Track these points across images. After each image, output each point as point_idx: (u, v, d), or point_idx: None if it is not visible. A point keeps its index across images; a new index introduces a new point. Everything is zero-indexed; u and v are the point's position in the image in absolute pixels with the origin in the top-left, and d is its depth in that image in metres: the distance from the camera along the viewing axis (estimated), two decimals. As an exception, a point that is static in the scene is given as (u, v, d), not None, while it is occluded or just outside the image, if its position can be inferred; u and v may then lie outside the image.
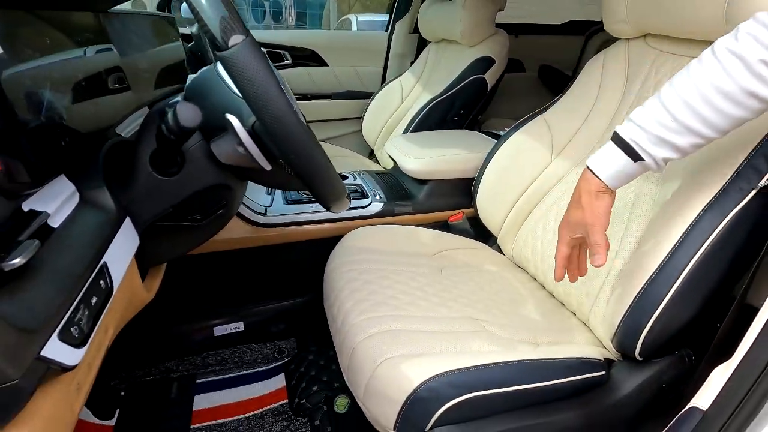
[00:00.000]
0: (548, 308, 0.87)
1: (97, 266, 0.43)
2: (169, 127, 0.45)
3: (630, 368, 0.73)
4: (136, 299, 0.58)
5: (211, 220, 0.62)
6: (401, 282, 0.85)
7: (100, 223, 0.48)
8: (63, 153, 0.46)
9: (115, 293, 0.46)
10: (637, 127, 0.56)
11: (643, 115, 0.56)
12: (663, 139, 0.54)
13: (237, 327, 1.16)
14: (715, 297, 0.65)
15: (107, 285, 0.44)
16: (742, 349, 0.54)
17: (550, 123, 0.99)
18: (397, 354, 0.66)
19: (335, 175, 0.53)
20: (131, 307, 0.59)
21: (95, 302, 0.41)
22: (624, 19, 0.85)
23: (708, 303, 0.65)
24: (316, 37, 2.04)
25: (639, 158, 0.56)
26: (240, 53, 0.41)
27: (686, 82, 0.52)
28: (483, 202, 1.08)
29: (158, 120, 0.48)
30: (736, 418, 0.52)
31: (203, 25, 0.42)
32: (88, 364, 0.42)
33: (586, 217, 0.61)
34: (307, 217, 1.10)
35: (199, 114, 0.45)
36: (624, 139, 0.57)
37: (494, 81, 1.53)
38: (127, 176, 0.54)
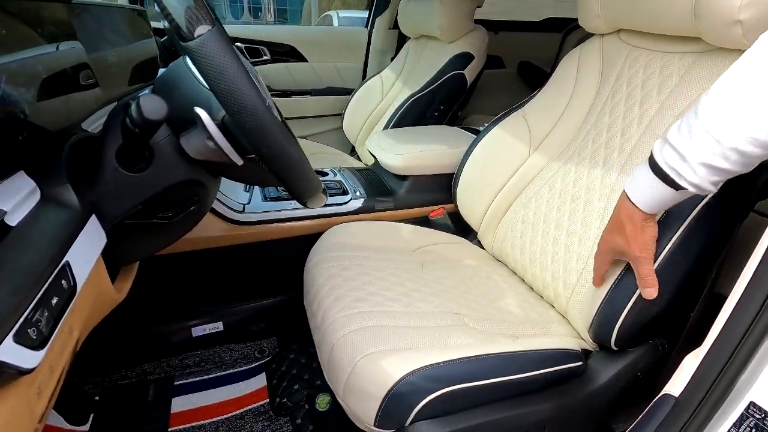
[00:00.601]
0: (527, 301, 0.87)
1: (58, 265, 0.41)
2: (134, 120, 0.44)
3: (606, 358, 0.74)
4: (104, 300, 0.56)
5: (183, 217, 0.60)
6: (382, 278, 0.85)
7: (62, 221, 0.46)
8: (21, 148, 0.44)
9: (80, 293, 0.44)
10: (675, 153, 0.48)
11: (682, 136, 0.47)
12: (709, 165, 0.45)
13: (216, 327, 1.14)
14: (686, 287, 0.67)
15: (70, 285, 0.42)
16: (711, 336, 0.55)
17: (528, 118, 1.00)
18: (377, 350, 0.66)
19: (310, 170, 0.52)
20: (100, 308, 0.57)
21: (56, 302, 0.39)
22: (598, 14, 0.87)
23: (679, 293, 0.67)
24: (295, 33, 2.01)
25: (681, 187, 0.49)
26: (206, 43, 0.40)
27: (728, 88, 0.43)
28: (463, 197, 1.08)
29: (123, 113, 0.46)
30: (707, 402, 0.53)
31: (167, 14, 0.40)
32: (50, 367, 0.40)
33: (634, 250, 0.57)
34: (287, 215, 1.09)
35: (165, 106, 0.43)
36: (661, 167, 0.50)
37: (473, 77, 1.53)
38: (93, 172, 0.52)
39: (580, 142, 0.90)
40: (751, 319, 0.48)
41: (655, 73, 0.80)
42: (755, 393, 0.51)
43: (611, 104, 0.86)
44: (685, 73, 0.75)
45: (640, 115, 0.80)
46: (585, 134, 0.89)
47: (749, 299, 0.49)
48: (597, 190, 0.81)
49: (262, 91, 0.54)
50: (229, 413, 1.00)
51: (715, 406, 0.52)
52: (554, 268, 0.84)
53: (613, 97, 0.86)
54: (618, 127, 0.83)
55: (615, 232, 0.59)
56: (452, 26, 1.50)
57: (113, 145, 0.51)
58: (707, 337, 0.56)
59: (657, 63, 0.80)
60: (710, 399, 0.52)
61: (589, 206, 0.82)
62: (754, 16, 0.62)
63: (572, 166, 0.88)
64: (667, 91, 0.77)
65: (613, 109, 0.85)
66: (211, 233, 1.01)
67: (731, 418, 0.53)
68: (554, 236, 0.86)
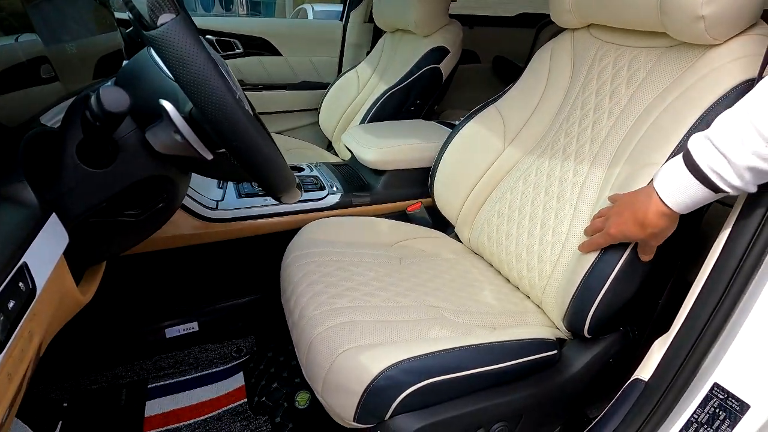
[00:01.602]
0: (504, 293, 0.89)
1: (15, 267, 0.39)
2: (94, 113, 0.42)
3: (580, 346, 0.76)
4: (68, 302, 0.54)
5: (152, 215, 0.58)
6: (359, 273, 0.84)
7: (19, 220, 0.43)
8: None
9: (40, 296, 0.42)
10: (719, 155, 0.45)
11: (727, 138, 0.44)
12: (757, 169, 0.43)
13: (191, 327, 1.11)
14: (655, 275, 0.69)
15: (28, 287, 0.40)
16: (678, 322, 0.57)
17: (502, 112, 1.00)
18: (355, 345, 0.65)
19: (283, 163, 0.51)
20: (63, 311, 0.54)
21: (13, 306, 0.37)
22: (569, 9, 0.88)
23: (648, 280, 0.69)
24: (269, 26, 1.97)
25: (721, 190, 0.47)
26: (169, 32, 0.38)
27: None
28: (440, 191, 1.09)
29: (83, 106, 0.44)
30: (674, 385, 0.55)
31: (128, 1, 0.38)
32: (9, 374, 0.38)
33: (650, 241, 0.58)
34: (262, 211, 1.07)
35: (126, 98, 0.41)
36: (702, 169, 0.46)
37: (449, 71, 1.54)
38: (53, 169, 0.50)
39: (553, 135, 0.91)
40: (714, 305, 0.50)
41: (624, 67, 0.82)
42: (719, 375, 0.53)
43: (582, 98, 0.88)
44: (653, 67, 0.77)
45: (610, 108, 0.81)
46: (557, 127, 0.91)
47: (713, 286, 0.50)
48: (569, 183, 0.83)
49: (231, 82, 0.53)
50: (205, 415, 0.98)
51: (682, 388, 0.54)
52: (529, 259, 0.86)
53: (584, 91, 0.88)
54: (589, 121, 0.85)
55: (632, 220, 0.58)
56: (427, 20, 1.49)
57: (73, 139, 0.49)
58: (674, 323, 0.58)
59: (626, 57, 0.82)
60: (677, 382, 0.54)
61: (562, 198, 0.83)
62: (716, 12, 0.64)
63: (545, 159, 0.90)
64: (635, 84, 0.79)
65: (584, 103, 0.87)
66: (184, 231, 0.98)
67: (697, 399, 0.55)
68: (529, 228, 0.87)
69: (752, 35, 0.66)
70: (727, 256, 0.49)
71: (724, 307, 0.50)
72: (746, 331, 0.50)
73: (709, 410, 0.54)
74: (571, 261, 0.76)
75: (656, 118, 0.72)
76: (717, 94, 0.64)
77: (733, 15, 0.64)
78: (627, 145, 0.75)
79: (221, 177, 0.63)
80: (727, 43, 0.67)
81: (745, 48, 0.65)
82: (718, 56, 0.67)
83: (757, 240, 0.46)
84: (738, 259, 0.47)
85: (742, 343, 0.50)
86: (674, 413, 0.56)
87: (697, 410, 0.55)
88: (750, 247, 0.46)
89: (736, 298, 0.49)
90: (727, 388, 0.52)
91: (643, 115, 0.75)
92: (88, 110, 0.42)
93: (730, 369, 0.52)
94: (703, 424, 0.54)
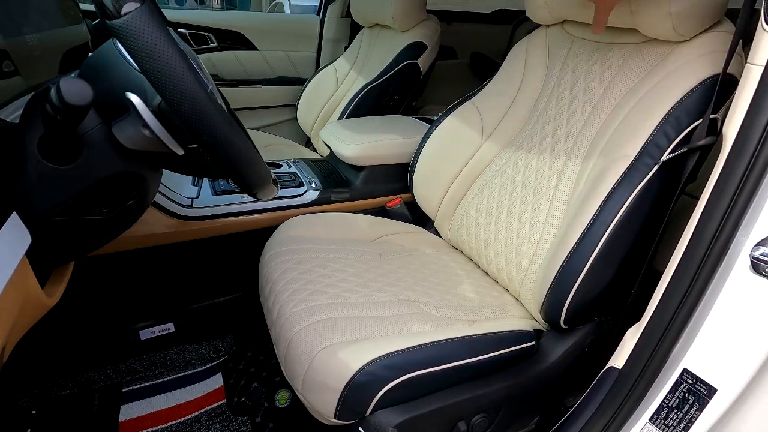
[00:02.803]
0: (483, 286, 0.90)
1: (-28, 269, 0.37)
2: (54, 105, 0.40)
3: (556, 337, 0.78)
4: (33, 305, 0.51)
5: (121, 213, 0.56)
6: (339, 270, 0.84)
7: (-24, 220, 0.41)
8: None
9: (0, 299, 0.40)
10: None
11: None
12: None
13: (167, 328, 1.08)
14: (628, 265, 0.71)
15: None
16: (649, 311, 0.59)
17: (480, 107, 1.01)
18: (334, 342, 0.65)
19: (258, 158, 0.50)
20: (28, 315, 0.52)
21: (-29, 310, 0.35)
22: (543, 5, 0.89)
23: (622, 270, 0.71)
24: (244, 20, 1.92)
25: None
26: (134, 21, 0.36)
27: None
28: (419, 186, 1.09)
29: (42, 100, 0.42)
30: (646, 372, 0.57)
31: None
32: (-33, 382, 0.36)
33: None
34: (239, 208, 1.05)
35: (88, 89, 0.39)
36: None
37: (427, 66, 1.54)
38: (13, 165, 0.47)
39: (529, 130, 0.92)
40: (682, 293, 0.51)
41: (597, 63, 0.83)
42: (688, 361, 0.55)
43: (557, 93, 0.89)
44: (624, 63, 0.79)
45: (584, 103, 0.83)
46: (533, 122, 0.92)
47: (681, 276, 0.52)
48: (545, 177, 0.84)
49: (202, 75, 0.51)
50: (183, 417, 0.96)
51: (654, 375, 0.56)
52: (507, 252, 0.87)
53: (559, 86, 0.89)
54: (564, 116, 0.86)
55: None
56: (405, 15, 1.49)
57: (34, 134, 0.46)
58: (646, 312, 0.60)
59: (598, 53, 0.84)
60: (649, 369, 0.55)
61: (538, 192, 0.85)
62: (683, 9, 0.66)
63: (522, 154, 0.91)
64: (608, 79, 0.80)
65: (559, 98, 0.88)
66: (157, 230, 0.96)
67: (668, 385, 0.57)
68: (506, 222, 0.88)
69: (717, 32, 0.68)
70: (694, 247, 0.50)
71: (691, 296, 0.52)
72: (713, 318, 0.52)
73: (679, 395, 0.55)
74: (547, 254, 0.78)
75: (628, 112, 0.74)
76: (685, 89, 0.66)
77: (699, 12, 0.66)
78: (600, 138, 0.77)
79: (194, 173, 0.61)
80: (693, 40, 0.69)
81: (710, 44, 0.68)
82: (685, 52, 0.69)
83: (722, 230, 0.47)
84: (704, 248, 0.49)
85: (709, 330, 0.52)
86: (646, 399, 0.58)
87: (668, 395, 0.56)
88: (715, 237, 0.48)
89: (703, 286, 0.50)
90: (696, 373, 0.54)
91: (616, 109, 0.77)
92: (48, 103, 0.40)
93: (698, 355, 0.53)
94: (673, 409, 0.56)
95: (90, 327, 1.01)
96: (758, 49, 0.47)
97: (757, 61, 0.46)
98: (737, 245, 0.48)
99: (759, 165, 0.44)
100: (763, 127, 0.43)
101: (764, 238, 0.46)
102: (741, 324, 0.49)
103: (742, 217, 0.46)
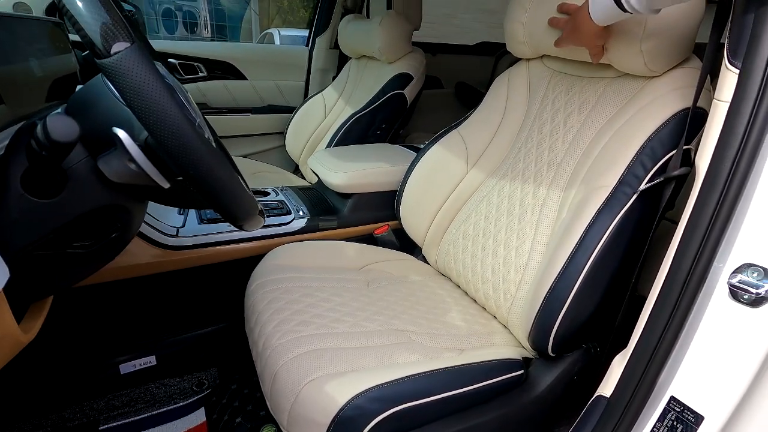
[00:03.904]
0: (471, 314, 0.89)
1: (-55, 307, 0.36)
2: (39, 141, 0.40)
3: (545, 365, 0.78)
4: (8, 342, 0.50)
5: (104, 246, 0.55)
6: (326, 299, 0.83)
7: (-47, 255, 0.40)
8: None
9: (-27, 338, 0.39)
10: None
11: None
12: None
13: (148, 362, 1.05)
14: (613, 291, 0.72)
15: (-40, 329, 0.37)
16: (635, 337, 0.59)
17: (465, 136, 1.04)
18: (321, 374, 0.64)
19: (243, 190, 0.50)
20: (3, 352, 0.50)
21: (-58, 350, 0.34)
22: (523, 41, 0.93)
23: (607, 296, 0.71)
24: (234, 51, 1.96)
25: (624, 9, 0.59)
26: (123, 61, 0.37)
27: None
28: (406, 213, 1.10)
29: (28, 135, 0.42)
30: (634, 401, 0.56)
31: (80, 29, 0.38)
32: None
33: (586, 42, 0.75)
34: (225, 237, 1.04)
35: (75, 127, 0.40)
36: None
37: (413, 96, 1.58)
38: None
39: (512, 158, 0.95)
40: (666, 319, 0.52)
41: (575, 96, 0.87)
42: (675, 388, 0.55)
43: (539, 123, 0.92)
44: (601, 96, 0.82)
45: (564, 134, 0.86)
46: (517, 151, 0.94)
47: (664, 302, 0.53)
48: (529, 204, 0.86)
49: (190, 109, 0.52)
50: (163, 456, 0.92)
51: (642, 403, 0.56)
52: (494, 279, 0.87)
53: (539, 117, 0.92)
54: (546, 145, 0.89)
55: (573, 33, 0.75)
56: (391, 48, 1.54)
57: (18, 169, 0.46)
58: (632, 338, 0.60)
59: (576, 86, 0.87)
60: (637, 397, 0.55)
61: (523, 219, 0.86)
62: (653, 47, 0.69)
63: (506, 182, 0.93)
64: (586, 111, 0.84)
65: (540, 128, 0.91)
66: (141, 260, 0.94)
67: (656, 414, 0.57)
68: (493, 249, 0.89)
69: (686, 68, 0.72)
70: (674, 274, 0.51)
71: (674, 323, 0.52)
72: (696, 345, 0.52)
73: (668, 423, 0.55)
74: (533, 281, 0.78)
75: (606, 143, 0.76)
76: (658, 121, 0.69)
77: (668, 50, 0.70)
78: (581, 168, 0.79)
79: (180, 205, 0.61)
80: (664, 75, 0.73)
81: (680, 80, 0.71)
82: (657, 87, 0.73)
83: (699, 258, 0.48)
84: (684, 276, 0.50)
85: (693, 357, 0.53)
86: (636, 428, 0.58)
87: (656, 424, 0.56)
88: (694, 265, 0.49)
89: (685, 313, 0.51)
90: (683, 401, 0.54)
91: (594, 140, 0.79)
92: (34, 139, 0.40)
93: (684, 382, 0.54)
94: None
95: (67, 362, 0.97)
96: (723, 87, 0.49)
97: (723, 98, 0.49)
98: (715, 273, 0.49)
99: (730, 196, 0.46)
100: (732, 161, 0.45)
101: (740, 266, 0.48)
102: (723, 350, 0.50)
103: (717, 246, 0.48)
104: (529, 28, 0.90)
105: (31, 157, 0.43)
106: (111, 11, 0.39)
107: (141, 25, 1.70)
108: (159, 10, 5.37)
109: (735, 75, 0.47)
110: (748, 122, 0.45)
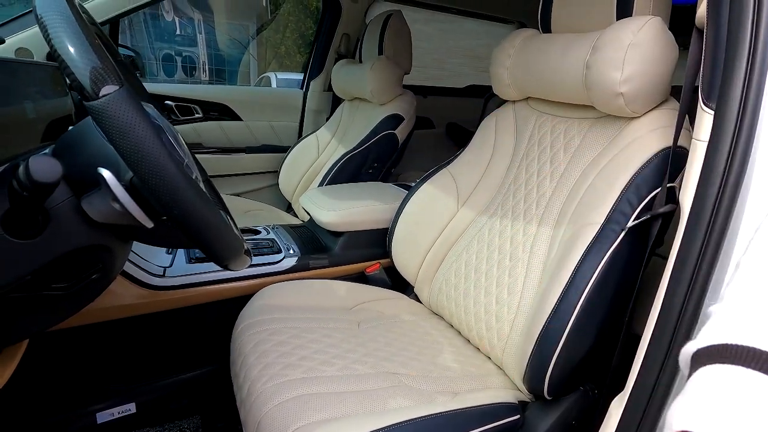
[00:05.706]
0: (465, 354, 0.87)
1: None
2: (21, 182, 0.39)
3: (542, 409, 0.75)
4: (-26, 391, 0.47)
5: (84, 287, 0.54)
6: (315, 340, 0.81)
7: None
8: None
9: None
10: None
11: None
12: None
13: (127, 409, 0.99)
14: (607, 329, 0.70)
15: None
16: (631, 379, 0.58)
17: (455, 175, 1.05)
18: (307, 422, 0.61)
19: (229, 229, 0.49)
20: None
21: None
22: (508, 84, 0.96)
23: (601, 335, 0.70)
24: (230, 93, 2.02)
25: None
26: (111, 103, 0.38)
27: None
28: (398, 251, 1.09)
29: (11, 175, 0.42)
30: (635, 448, 0.54)
31: (69, 73, 0.38)
32: None
33: None
34: (214, 276, 1.02)
35: (57, 167, 0.40)
36: None
37: (404, 136, 1.61)
38: None
39: (502, 196, 0.95)
40: (661, 362, 0.51)
41: (560, 136, 0.89)
42: None
43: (526, 162, 0.94)
44: (585, 136, 0.84)
45: (552, 172, 0.87)
46: (506, 189, 0.95)
47: (659, 340, 0.52)
48: (520, 242, 0.86)
49: (178, 148, 0.52)
50: None
51: (642, 450, 0.53)
52: (487, 319, 0.85)
53: (527, 156, 0.94)
54: (534, 183, 0.90)
55: None
56: (383, 90, 1.59)
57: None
58: (628, 379, 0.59)
59: (561, 126, 0.89)
60: (637, 444, 0.53)
61: (514, 257, 0.86)
62: (632, 90, 0.72)
63: (497, 220, 0.93)
64: (571, 151, 0.85)
65: (528, 167, 0.93)
66: (125, 301, 0.91)
67: (658, 462, 0.54)
68: (485, 287, 0.88)
69: (664, 110, 0.74)
70: (666, 313, 0.51)
71: (670, 362, 0.51)
72: (694, 386, 0.51)
73: (671, 472, 0.53)
74: (526, 321, 0.77)
75: (592, 182, 0.77)
76: (641, 160, 0.71)
77: (646, 93, 0.72)
78: (569, 206, 0.80)
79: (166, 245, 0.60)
80: (644, 116, 0.75)
81: (660, 120, 0.73)
82: (638, 127, 0.75)
83: (690, 297, 0.48)
84: (676, 316, 0.49)
85: (692, 399, 0.51)
86: (638, 478, 0.55)
87: (659, 473, 0.53)
88: (685, 304, 0.48)
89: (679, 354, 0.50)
90: (685, 448, 0.52)
91: (581, 178, 0.81)
92: (16, 179, 0.40)
93: (684, 427, 0.52)
94: (666, 489, 0.52)
95: (38, 410, 0.92)
96: (701, 127, 0.51)
97: (701, 138, 0.50)
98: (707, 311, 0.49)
99: (716, 234, 0.46)
100: (714, 198, 0.46)
101: (731, 304, 0.47)
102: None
103: (707, 284, 0.47)
104: (513, 72, 0.94)
105: (12, 198, 0.43)
106: (101, 56, 0.40)
107: (140, 70, 1.75)
108: (159, 55, 5.56)
109: (710, 116, 0.49)
110: (727, 160, 0.46)
